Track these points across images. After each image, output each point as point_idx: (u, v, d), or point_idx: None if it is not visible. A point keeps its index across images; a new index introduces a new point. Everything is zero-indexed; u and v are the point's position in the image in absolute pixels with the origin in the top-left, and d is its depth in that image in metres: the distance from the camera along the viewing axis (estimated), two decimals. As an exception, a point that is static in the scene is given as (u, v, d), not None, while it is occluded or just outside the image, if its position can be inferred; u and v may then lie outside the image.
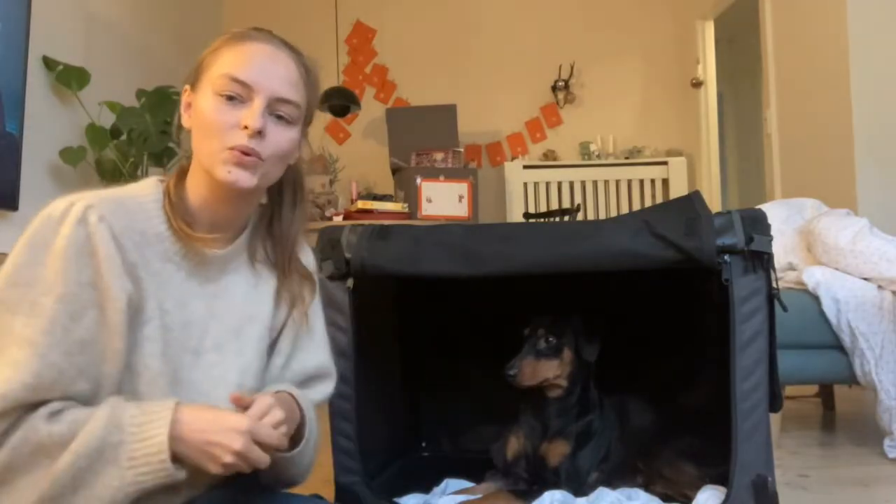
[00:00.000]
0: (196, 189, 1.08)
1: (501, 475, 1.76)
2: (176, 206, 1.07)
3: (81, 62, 3.27)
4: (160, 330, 1.02)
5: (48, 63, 3.12)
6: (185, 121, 1.09)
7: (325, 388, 1.24)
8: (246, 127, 1.02)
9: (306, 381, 1.21)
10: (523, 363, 1.67)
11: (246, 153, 1.03)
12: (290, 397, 1.11)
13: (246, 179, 1.04)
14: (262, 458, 0.96)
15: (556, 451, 1.70)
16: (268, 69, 1.06)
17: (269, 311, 1.16)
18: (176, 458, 0.94)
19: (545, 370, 1.69)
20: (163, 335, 1.02)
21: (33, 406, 0.93)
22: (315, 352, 1.22)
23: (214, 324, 1.09)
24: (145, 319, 1.01)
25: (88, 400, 0.96)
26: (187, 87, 1.10)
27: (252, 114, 1.03)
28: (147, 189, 1.08)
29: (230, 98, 1.04)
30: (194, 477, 1.00)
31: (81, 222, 0.96)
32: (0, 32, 2.70)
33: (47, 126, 3.10)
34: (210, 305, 1.09)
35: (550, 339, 1.71)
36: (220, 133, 1.03)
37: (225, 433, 0.94)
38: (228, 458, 0.94)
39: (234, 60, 1.05)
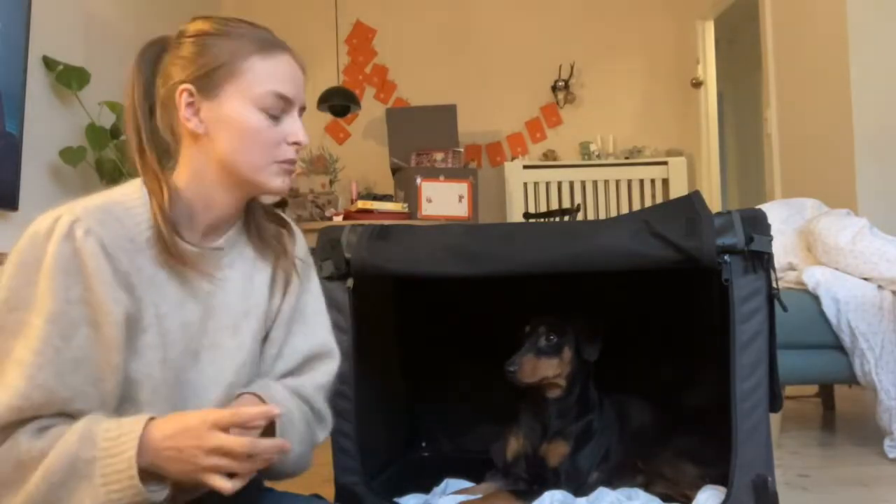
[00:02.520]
0: (204, 191, 1.06)
1: (501, 475, 1.76)
2: (171, 211, 1.03)
3: (81, 62, 3.27)
4: (159, 336, 1.00)
5: (48, 63, 3.12)
6: (194, 125, 1.04)
7: (328, 368, 1.19)
8: (297, 143, 1.07)
9: (304, 363, 1.17)
10: (524, 360, 1.67)
11: (293, 164, 1.09)
12: (254, 397, 1.06)
13: (289, 184, 1.11)
14: (237, 445, 0.89)
15: (556, 452, 1.70)
16: (298, 82, 1.09)
17: (265, 301, 1.14)
18: (157, 477, 0.90)
19: (545, 368, 1.69)
20: (162, 341, 1.01)
21: (24, 422, 0.91)
22: (308, 335, 1.19)
23: (211, 323, 1.08)
24: (144, 327, 0.99)
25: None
26: (189, 87, 1.04)
27: (300, 130, 1.07)
28: (134, 193, 1.04)
29: (272, 114, 1.05)
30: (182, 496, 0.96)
31: (68, 238, 0.93)
32: (0, 32, 2.70)
33: (47, 126, 3.10)
34: (206, 305, 1.07)
35: (552, 337, 1.71)
36: (269, 149, 1.06)
37: (191, 432, 0.89)
38: (205, 460, 0.88)
39: (275, 75, 1.05)
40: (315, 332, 1.20)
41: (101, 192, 1.04)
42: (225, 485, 0.89)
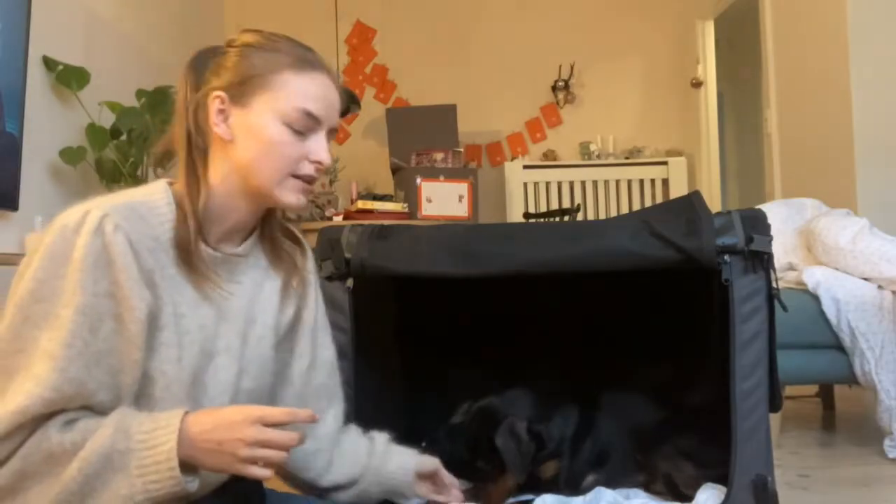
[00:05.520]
0: (228, 197, 1.08)
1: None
2: (199, 216, 1.05)
3: (81, 62, 3.27)
4: (176, 335, 1.02)
5: (48, 63, 3.12)
6: (224, 132, 1.06)
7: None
8: (320, 163, 1.07)
9: (330, 374, 1.24)
10: (485, 500, 1.62)
11: (312, 182, 1.09)
12: None
13: (306, 202, 1.10)
14: (284, 438, 0.95)
15: (550, 468, 1.69)
16: (331, 103, 1.09)
17: (274, 309, 1.16)
18: (190, 469, 0.93)
19: (505, 489, 1.64)
20: (179, 340, 1.02)
21: (50, 415, 0.93)
22: (329, 345, 1.26)
23: (224, 326, 1.09)
24: (161, 325, 1.00)
25: (108, 410, 0.96)
26: (222, 94, 1.06)
27: (325, 150, 1.08)
28: (157, 194, 1.06)
29: (297, 130, 1.06)
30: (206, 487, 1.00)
31: (98, 232, 0.95)
32: (0, 32, 2.70)
33: (47, 126, 3.10)
34: (220, 307, 1.09)
35: (490, 466, 1.65)
36: (288, 163, 1.06)
37: (232, 426, 0.93)
38: (245, 451, 0.92)
39: (307, 93, 1.06)
40: (331, 343, 1.27)
41: (124, 192, 1.06)
42: (265, 473, 0.95)
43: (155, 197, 1.05)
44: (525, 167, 5.16)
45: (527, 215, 4.88)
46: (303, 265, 1.21)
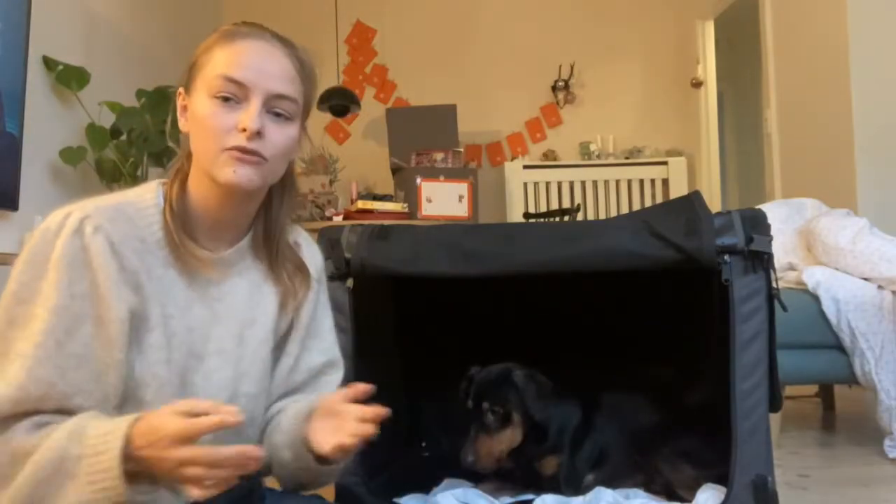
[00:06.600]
0: (198, 192, 1.07)
1: (498, 476, 1.76)
2: (177, 211, 1.05)
3: (81, 62, 3.27)
4: (165, 337, 1.01)
5: (48, 63, 3.12)
6: (183, 125, 1.07)
7: (335, 379, 1.22)
8: (244, 129, 1.00)
9: (314, 376, 1.20)
10: (478, 447, 1.63)
11: (246, 152, 1.01)
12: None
13: (250, 179, 1.02)
14: (210, 453, 0.84)
15: (550, 464, 1.70)
16: (262, 67, 1.03)
17: (273, 313, 1.15)
18: (149, 477, 0.88)
19: (501, 444, 1.66)
20: (168, 342, 1.01)
21: (24, 416, 0.91)
22: (323, 350, 1.21)
23: (217, 328, 1.08)
24: (150, 327, 0.99)
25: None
26: (181, 90, 1.08)
27: (249, 115, 1.01)
28: (147, 194, 1.06)
29: (226, 99, 1.02)
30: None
31: (77, 233, 0.95)
32: (0, 32, 2.70)
33: (47, 126, 3.10)
34: (212, 309, 1.08)
35: (496, 409, 1.66)
36: (218, 135, 1.01)
37: (161, 443, 0.85)
38: (181, 471, 0.85)
39: (227, 60, 1.03)
40: (328, 348, 1.23)
41: (117, 193, 1.06)
42: (193, 492, 0.86)
43: (144, 198, 1.05)
44: (525, 167, 5.16)
45: (527, 215, 4.88)
46: (303, 293, 1.17)
